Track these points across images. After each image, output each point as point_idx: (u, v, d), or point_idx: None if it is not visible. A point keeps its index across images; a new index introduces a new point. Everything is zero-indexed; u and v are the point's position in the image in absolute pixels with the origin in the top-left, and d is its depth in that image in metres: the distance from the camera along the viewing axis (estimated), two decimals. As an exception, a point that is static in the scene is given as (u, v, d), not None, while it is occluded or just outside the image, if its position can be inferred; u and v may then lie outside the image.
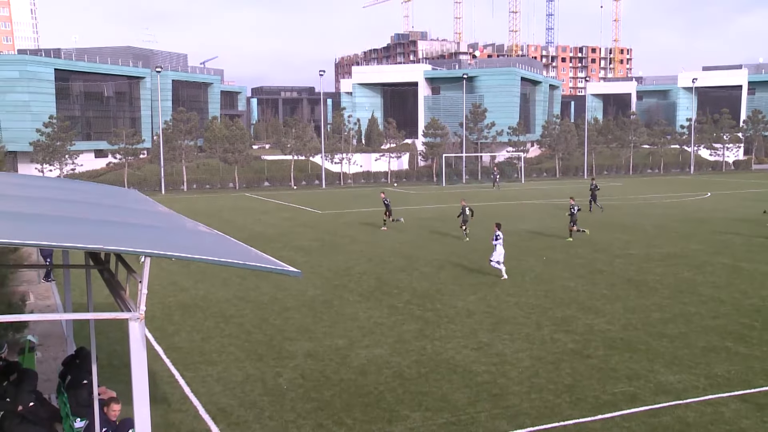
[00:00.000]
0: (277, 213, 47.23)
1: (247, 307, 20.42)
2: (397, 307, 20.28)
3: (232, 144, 73.65)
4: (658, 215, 42.70)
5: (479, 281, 23.67)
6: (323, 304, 20.68)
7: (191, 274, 25.39)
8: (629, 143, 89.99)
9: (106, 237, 7.54)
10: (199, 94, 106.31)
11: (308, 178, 78.84)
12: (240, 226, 39.74)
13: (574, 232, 33.66)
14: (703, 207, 47.14)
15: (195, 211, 46.43)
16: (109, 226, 8.42)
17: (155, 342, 16.96)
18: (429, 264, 27.05)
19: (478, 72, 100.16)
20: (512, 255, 28.87)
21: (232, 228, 37.92)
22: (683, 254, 28.44)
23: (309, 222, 41.54)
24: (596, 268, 25.84)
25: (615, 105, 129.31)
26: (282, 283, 23.17)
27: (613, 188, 64.65)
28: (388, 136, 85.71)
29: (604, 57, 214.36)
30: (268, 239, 34.14)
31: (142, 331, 7.16)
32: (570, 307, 19.94)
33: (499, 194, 57.02)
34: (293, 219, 43.77)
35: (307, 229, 37.98)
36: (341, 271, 25.75)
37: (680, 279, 23.60)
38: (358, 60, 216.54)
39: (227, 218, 43.79)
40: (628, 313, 19.24)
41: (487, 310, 19.73)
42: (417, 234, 35.55)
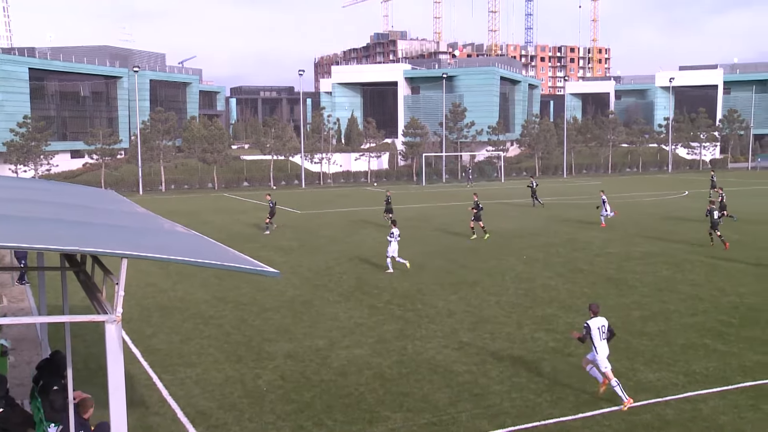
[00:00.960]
0: (256, 213, 47.02)
1: (226, 308, 20.29)
2: (378, 307, 20.25)
3: (211, 144, 73.25)
4: (637, 213, 43.01)
5: (460, 281, 23.70)
6: (303, 305, 20.60)
7: (169, 275, 25.20)
8: (608, 142, 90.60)
9: (82, 238, 7.44)
10: (177, 94, 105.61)
11: (288, 177, 78.60)
12: (219, 226, 39.51)
13: (481, 229, 33.27)
14: (682, 205, 47.56)
15: (173, 211, 46.10)
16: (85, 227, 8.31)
17: (132, 344, 16.80)
18: (410, 263, 27.02)
19: (458, 71, 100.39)
20: (492, 254, 28.97)
21: (211, 228, 37.68)
22: (662, 252, 28.66)
23: (289, 222, 41.39)
24: (576, 266, 25.96)
25: (594, 104, 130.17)
26: (261, 284, 23.06)
27: (592, 187, 65.02)
28: (367, 136, 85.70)
29: (583, 56, 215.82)
30: (246, 239, 33.96)
31: (119, 334, 7.07)
32: (551, 306, 20.01)
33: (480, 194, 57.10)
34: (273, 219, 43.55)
35: (288, 229, 37.83)
36: (321, 271, 25.67)
37: (660, 277, 23.77)
38: (338, 60, 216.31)
39: (206, 219, 43.54)
40: (609, 311, 19.32)
41: (468, 310, 19.75)
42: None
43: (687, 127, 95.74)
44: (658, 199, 52.05)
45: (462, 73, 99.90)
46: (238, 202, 56.54)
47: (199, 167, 76.24)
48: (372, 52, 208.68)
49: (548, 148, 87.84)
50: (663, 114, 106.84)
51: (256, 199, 57.85)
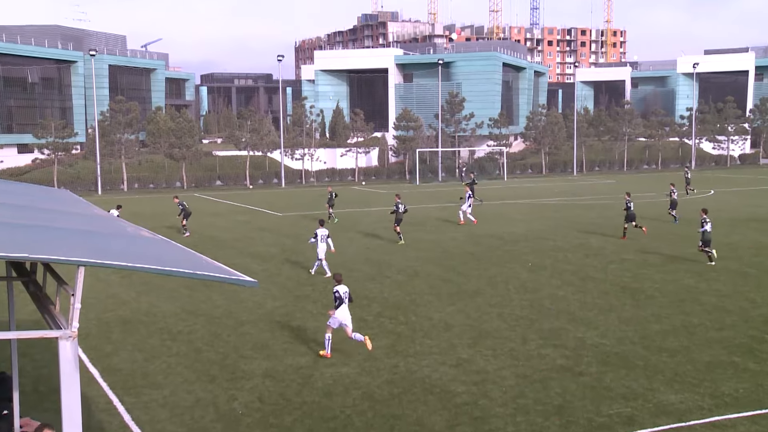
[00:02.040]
0: (230, 215, 46.95)
1: (198, 322, 20.24)
2: (367, 320, 20.24)
3: (179, 138, 73.11)
4: (655, 216, 43.16)
5: (458, 290, 23.72)
6: (283, 318, 20.57)
7: (132, 285, 25.12)
8: (623, 136, 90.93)
9: (31, 244, 7.39)
10: (140, 81, 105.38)
11: (266, 176, 78.54)
12: (189, 230, 39.42)
13: (400, 233, 34.20)
14: (706, 206, 47.61)
15: (136, 213, 45.96)
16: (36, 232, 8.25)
17: (90, 363, 16.73)
18: (402, 271, 27.05)
19: (455, 57, 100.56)
20: (494, 261, 29.01)
21: (179, 233, 37.61)
22: (684, 259, 28.77)
23: (267, 225, 41.34)
24: (587, 274, 26.03)
25: (607, 93, 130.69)
26: (237, 295, 23.01)
27: (605, 186, 65.34)
28: (355, 129, 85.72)
29: (595, 40, 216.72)
30: (220, 245, 33.90)
31: (75, 351, 7.02)
32: (559, 319, 20.05)
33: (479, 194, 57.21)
34: (249, 222, 43.53)
35: (265, 234, 37.78)
36: (304, 281, 25.65)
37: (681, 286, 23.86)
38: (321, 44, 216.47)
39: (174, 222, 43.44)
40: (624, 324, 19.39)
41: (467, 323, 19.76)
42: (388, 238, 35.53)
43: (713, 119, 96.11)
44: (679, 199, 52.21)
45: (460, 58, 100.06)
46: (211, 203, 56.44)
47: (166, 164, 76.05)
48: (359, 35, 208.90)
49: (556, 143, 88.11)
50: (686, 104, 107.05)
51: (230, 200, 57.79)
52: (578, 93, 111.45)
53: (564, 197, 55.33)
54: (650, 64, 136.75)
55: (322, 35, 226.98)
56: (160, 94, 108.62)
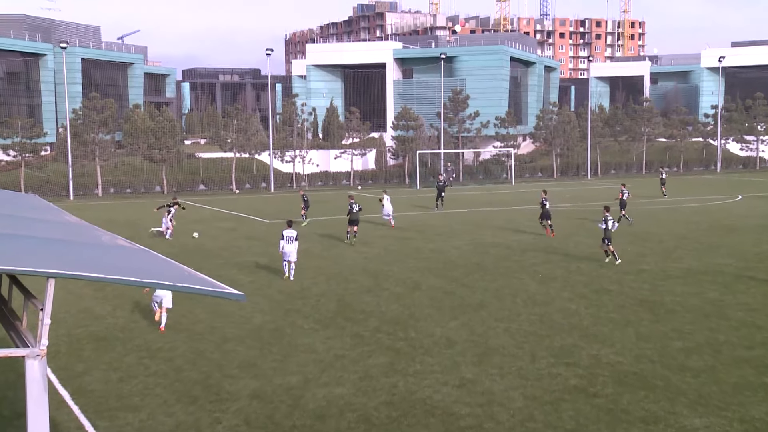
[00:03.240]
0: (215, 223, 46.93)
1: (179, 339, 20.22)
2: (363, 336, 20.24)
3: (159, 138, 73.15)
4: (677, 222, 43.21)
5: (461, 303, 23.73)
6: (272, 334, 20.57)
7: (107, 298, 25.10)
8: (642, 136, 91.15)
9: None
10: (116, 77, 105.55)
11: (253, 180, 78.59)
12: (169, 239, 39.42)
13: (351, 234, 36.83)
14: (733, 212, 47.84)
15: (112, 220, 45.95)
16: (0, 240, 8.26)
17: (60, 384, 16.69)
18: (401, 283, 27.05)
19: (459, 51, 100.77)
20: (501, 271, 29.03)
21: (160, 242, 37.58)
22: (708, 270, 28.79)
23: (255, 233, 41.33)
24: (602, 286, 26.04)
25: (624, 90, 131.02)
26: (222, 309, 23.00)
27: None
28: (350, 129, 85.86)
29: (611, 32, 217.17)
30: (204, 255, 33.89)
31: (43, 371, 7.02)
32: (571, 335, 20.05)
33: (485, 199, 57.32)
34: (235, 230, 43.52)
35: (253, 242, 37.78)
36: (294, 293, 25.65)
37: (705, 300, 23.87)
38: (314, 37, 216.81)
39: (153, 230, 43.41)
40: (642, 341, 19.39)
41: (472, 339, 19.76)
42: (386, 247, 35.54)
43: (740, 117, 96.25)
44: (703, 205, 52.33)
45: (464, 52, 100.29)
46: (193, 209, 56.40)
47: (145, 167, 76.08)
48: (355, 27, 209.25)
49: (568, 144, 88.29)
50: (710, 101, 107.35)
51: (215, 206, 57.79)
52: (593, 89, 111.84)
53: (577, 203, 55.37)
54: (671, 58, 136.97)
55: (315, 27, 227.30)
56: (138, 90, 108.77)
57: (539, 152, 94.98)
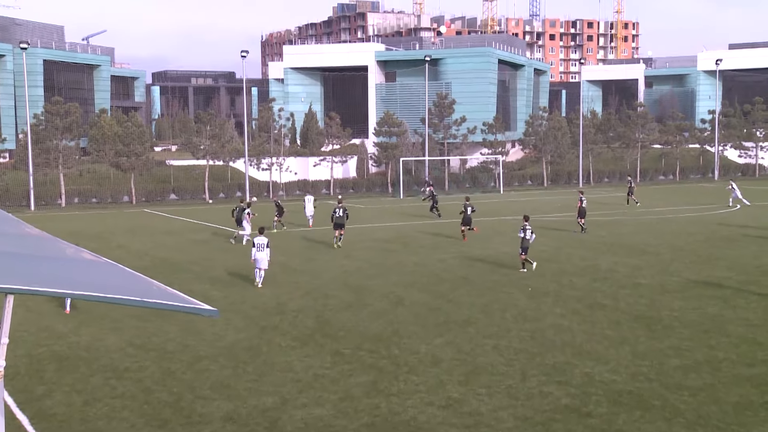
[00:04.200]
0: (186, 234, 46.77)
1: (148, 358, 20.11)
2: (343, 353, 20.20)
3: (127, 145, 72.83)
4: (673, 234, 43.40)
5: (447, 319, 23.73)
6: (247, 352, 20.49)
7: (71, 315, 24.92)
8: (636, 142, 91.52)
9: (-46, 267, 7.31)
10: (81, 80, 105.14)
11: (228, 189, 78.34)
12: (138, 251, 39.30)
13: (336, 238, 39.30)
14: (732, 223, 48.08)
15: (76, 232, 45.69)
16: (-41, 253, 8.18)
17: (18, 408, 16.54)
18: (383, 298, 27.03)
19: (444, 53, 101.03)
20: (489, 286, 29.04)
21: (128, 254, 37.48)
22: (707, 283, 28.92)
23: (229, 246, 41.21)
24: (596, 301, 26.11)
25: (618, 94, 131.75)
26: (194, 326, 22.89)
27: (615, 200, 65.68)
28: (329, 136, 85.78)
29: (604, 33, 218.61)
30: (174, 268, 33.76)
31: (0, 394, 6.94)
32: (563, 352, 20.08)
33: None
34: (208, 242, 43.39)
35: (227, 255, 37.67)
36: (271, 309, 25.57)
37: (704, 315, 23.97)
38: (291, 38, 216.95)
39: (121, 242, 43.23)
40: (638, 359, 19.44)
41: (458, 357, 19.75)
42: (367, 260, 35.52)
43: (739, 123, 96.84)
44: (700, 215, 52.58)
45: (449, 55, 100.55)
46: (164, 219, 56.20)
47: (112, 175, 75.70)
48: (335, 28, 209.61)
49: (559, 151, 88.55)
50: (707, 106, 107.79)
51: (187, 216, 57.58)
52: (584, 94, 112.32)
53: (568, 212, 55.50)
54: (666, 61, 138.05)
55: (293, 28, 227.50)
56: (104, 94, 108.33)
57: (529, 159, 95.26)
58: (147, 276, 9.06)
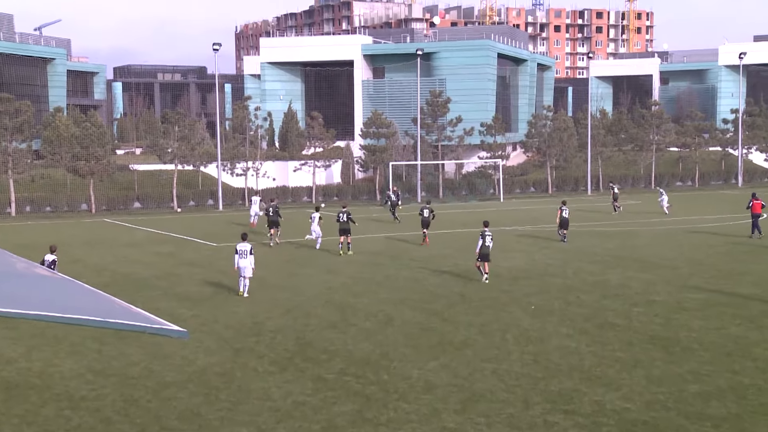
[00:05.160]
0: (152, 247, 46.65)
1: (108, 385, 20.01)
2: (327, 379, 20.15)
3: (86, 148, 72.67)
4: (692, 246, 43.48)
5: (442, 341, 23.70)
6: (220, 378, 20.42)
7: (22, 338, 24.78)
8: (650, 145, 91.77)
9: None
10: (33, 75, 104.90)
11: (198, 196, 78.26)
12: (97, 266, 39.20)
13: (343, 245, 41.35)
14: (754, 234, 48.21)
15: (28, 245, 45.52)
16: None
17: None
18: (371, 317, 27.00)
19: (438, 46, 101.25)
20: (488, 303, 29.04)
21: (86, 269, 37.33)
22: (730, 301, 28.95)
23: (199, 259, 41.13)
24: (607, 320, 26.12)
25: (630, 91, 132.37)
26: (160, 349, 22.80)
27: (628, 208, 65.81)
28: (311, 137, 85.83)
29: (615, 24, 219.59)
30: (138, 285, 33.64)
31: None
32: (571, 377, 20.08)
33: (469, 219, 57.39)
34: (176, 255, 43.28)
35: (197, 270, 37.58)
36: (246, 329, 25.50)
37: (726, 336, 23.99)
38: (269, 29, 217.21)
39: (78, 255, 43.07)
40: (654, 384, 19.44)
41: (454, 382, 19.73)
42: (353, 275, 35.50)
43: (765, 123, 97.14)
44: (722, 225, 52.68)
45: (444, 48, 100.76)
46: (126, 230, 56.06)
47: (69, 181, 75.50)
48: (317, 18, 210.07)
49: (565, 154, 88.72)
50: (730, 104, 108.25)
51: (153, 227, 57.46)
52: (593, 91, 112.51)
53: (576, 222, 55.60)
54: (684, 55, 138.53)
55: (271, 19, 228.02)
56: (60, 91, 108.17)
57: (531, 164, 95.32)
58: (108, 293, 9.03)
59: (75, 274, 35.09)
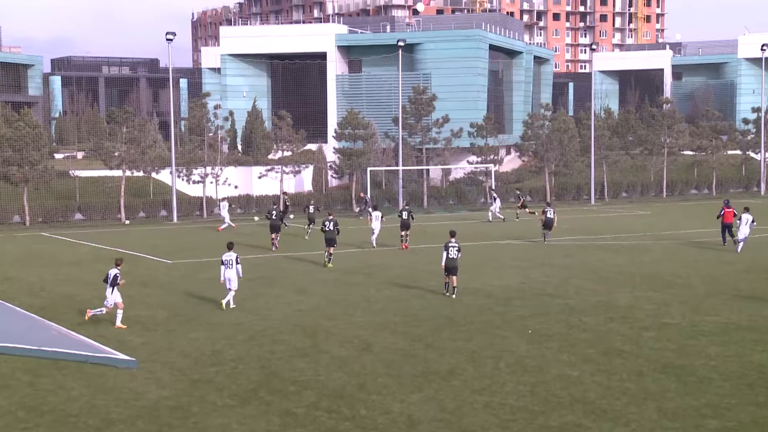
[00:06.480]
0: (96, 264, 46.39)
1: (43, 423, 19.88)
2: (295, 414, 20.12)
3: (18, 151, 72.23)
4: (708, 262, 43.66)
5: (427, 370, 23.69)
6: (173, 413, 20.34)
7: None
8: (661, 148, 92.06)
9: None
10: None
11: (150, 207, 77.91)
12: (33, 286, 38.94)
13: (327, 255, 43.70)
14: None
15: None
16: None
17: None
18: (347, 343, 26.98)
19: (422, 37, 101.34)
20: (479, 327, 29.05)
21: (19, 290, 37.14)
22: (752, 325, 29.08)
23: (152, 278, 40.96)
24: (613, 346, 26.17)
25: (639, 88, 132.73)
26: (106, 381, 22.64)
27: (636, 219, 66.01)
28: (279, 140, 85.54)
29: (621, 12, 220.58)
30: (82, 308, 33.28)
31: None
32: (573, 411, 20.10)
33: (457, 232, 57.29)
34: (124, 274, 42.91)
35: (148, 290, 37.43)
36: (204, 358, 25.42)
37: (748, 364, 24.09)
38: (231, 17, 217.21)
39: (11, 274, 42.87)
40: (667, 419, 19.48)
41: (441, 417, 19.72)
42: (326, 295, 35.50)
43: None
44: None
45: (429, 39, 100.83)
46: (67, 245, 55.81)
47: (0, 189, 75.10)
48: (285, 5, 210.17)
49: (566, 159, 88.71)
50: (751, 103, 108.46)
51: (97, 242, 57.19)
52: (597, 87, 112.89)
53: (577, 235, 55.75)
54: (699, 46, 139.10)
55: (232, 5, 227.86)
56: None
57: (527, 170, 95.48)
58: (44, 318, 8.97)
59: (6, 295, 34.94)
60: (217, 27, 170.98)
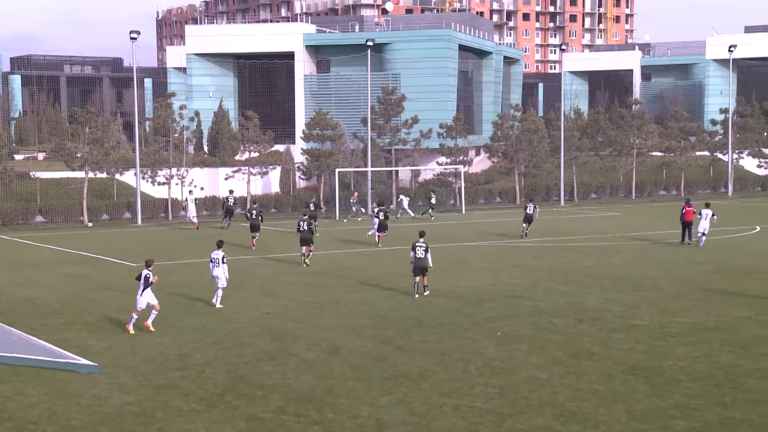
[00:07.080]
0: (58, 267, 46.17)
1: (1, 430, 19.72)
2: (262, 418, 20.08)
3: (-22, 152, 71.84)
4: (677, 263, 43.89)
5: (396, 373, 23.71)
6: (137, 419, 20.25)
7: None
8: (630, 149, 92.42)
9: None
10: None
11: (113, 209, 77.53)
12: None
13: (305, 256, 44.17)
14: (750, 250, 48.78)
15: None
16: None
17: None
18: (314, 346, 26.95)
19: (391, 37, 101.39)
20: (449, 330, 29.08)
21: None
22: (720, 325, 29.25)
23: (115, 282, 40.76)
24: (582, 348, 26.27)
25: (608, 88, 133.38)
26: (65, 386, 22.50)
27: (605, 221, 66.28)
28: (246, 141, 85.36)
29: (591, 12, 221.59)
30: (40, 312, 33.20)
31: None
32: (541, 413, 20.15)
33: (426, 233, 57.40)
34: (87, 277, 42.87)
35: (111, 294, 37.27)
36: (169, 363, 25.31)
37: (716, 365, 24.23)
38: (196, 15, 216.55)
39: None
40: (636, 420, 19.56)
41: (410, 420, 19.74)
42: (294, 297, 35.47)
43: (758, 124, 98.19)
44: (710, 240, 53.23)
45: (398, 39, 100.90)
46: (27, 248, 55.47)
47: (-42, 192, 74.58)
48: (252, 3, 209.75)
49: (535, 160, 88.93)
50: (719, 104, 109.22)
51: (58, 244, 56.87)
52: (567, 88, 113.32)
53: (547, 237, 55.93)
54: (668, 47, 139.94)
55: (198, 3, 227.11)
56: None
57: (497, 171, 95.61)
58: (3, 323, 8.93)
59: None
60: (182, 26, 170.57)
